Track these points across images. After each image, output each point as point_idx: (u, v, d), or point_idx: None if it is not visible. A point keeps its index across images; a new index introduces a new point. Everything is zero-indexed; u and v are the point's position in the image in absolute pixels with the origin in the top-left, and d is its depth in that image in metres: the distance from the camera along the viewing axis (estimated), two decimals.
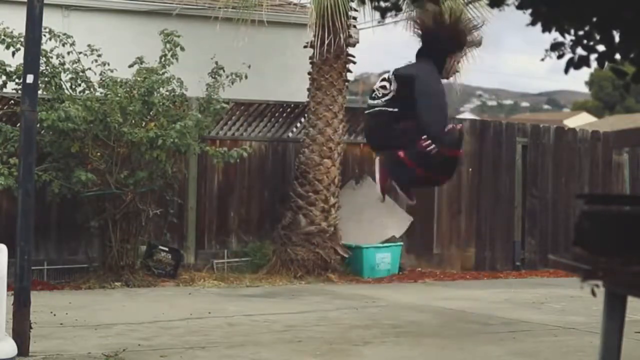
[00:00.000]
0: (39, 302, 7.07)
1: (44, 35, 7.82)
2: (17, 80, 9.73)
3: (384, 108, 7.28)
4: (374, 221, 11.84)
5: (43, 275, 10.44)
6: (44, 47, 8.51)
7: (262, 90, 12.24)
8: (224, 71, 10.63)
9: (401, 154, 7.22)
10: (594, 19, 3.60)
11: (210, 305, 8.74)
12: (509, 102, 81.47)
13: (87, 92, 10.13)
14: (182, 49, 10.35)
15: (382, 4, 4.20)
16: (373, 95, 7.42)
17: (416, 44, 7.58)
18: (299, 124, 12.07)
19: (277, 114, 12.03)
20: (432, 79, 7.36)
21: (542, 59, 3.77)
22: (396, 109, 7.27)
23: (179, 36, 10.37)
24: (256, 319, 7.98)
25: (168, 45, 10.34)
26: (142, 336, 6.95)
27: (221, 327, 7.48)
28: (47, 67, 9.86)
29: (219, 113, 10.80)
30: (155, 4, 13.29)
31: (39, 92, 7.36)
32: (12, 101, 9.99)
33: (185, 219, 11.33)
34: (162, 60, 10.32)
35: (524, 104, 79.78)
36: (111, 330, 7.20)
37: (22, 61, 6.39)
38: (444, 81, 7.69)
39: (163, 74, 10.25)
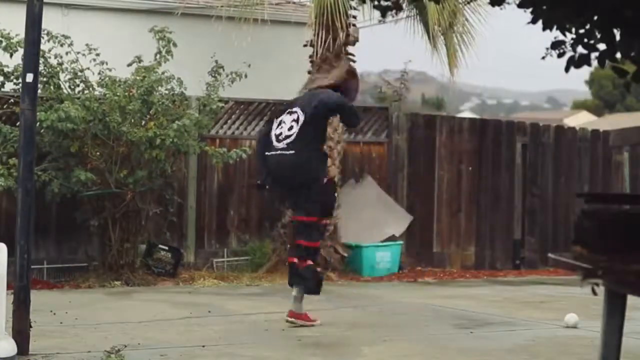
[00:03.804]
0: (39, 301, 7.06)
1: (42, 37, 7.82)
2: (15, 81, 9.75)
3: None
4: (374, 220, 11.85)
5: (43, 274, 10.44)
6: (42, 47, 8.51)
7: (262, 89, 12.23)
8: (223, 70, 10.63)
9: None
10: (595, 18, 3.59)
11: (210, 303, 8.74)
12: (508, 100, 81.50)
13: (86, 91, 10.13)
14: (175, 44, 10.35)
15: (383, 3, 4.20)
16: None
17: (415, 43, 7.67)
18: None
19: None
20: None
21: (543, 58, 3.77)
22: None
23: (170, 32, 10.37)
24: (256, 317, 7.98)
25: (162, 42, 10.34)
26: (142, 334, 6.95)
27: (221, 325, 7.48)
28: (45, 67, 9.86)
29: (216, 112, 10.80)
30: (156, 3, 13.28)
31: (38, 92, 7.34)
32: (12, 100, 9.98)
33: (185, 218, 11.33)
34: (157, 57, 10.32)
35: (524, 102, 79.81)
36: (111, 328, 7.21)
37: (19, 62, 6.39)
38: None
39: (163, 73, 10.25)
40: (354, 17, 11.66)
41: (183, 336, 6.98)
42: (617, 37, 3.63)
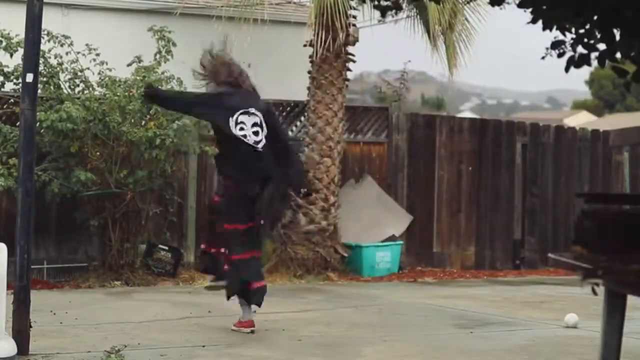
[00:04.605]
0: (39, 301, 7.06)
1: (42, 37, 7.86)
2: (15, 81, 9.75)
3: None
4: (374, 220, 11.85)
5: (43, 274, 10.44)
6: (42, 47, 8.52)
7: (262, 89, 12.22)
8: None
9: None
10: (595, 18, 3.60)
11: (210, 303, 8.73)
12: (508, 100, 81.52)
13: (86, 91, 10.13)
14: (175, 44, 10.35)
15: (383, 3, 4.20)
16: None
17: (415, 43, 7.52)
18: (298, 123, 12.07)
19: (277, 113, 12.03)
20: None
21: (543, 57, 3.77)
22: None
23: (169, 32, 10.37)
24: (256, 318, 7.96)
25: (162, 42, 10.34)
26: (142, 334, 6.95)
27: (221, 326, 7.48)
28: (45, 67, 9.86)
29: None
30: (156, 3, 13.29)
31: (38, 92, 7.35)
32: (12, 100, 9.98)
33: (185, 218, 11.32)
34: (157, 57, 10.32)
35: (524, 102, 79.81)
36: (111, 328, 7.21)
37: (19, 62, 6.39)
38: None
39: (162, 73, 10.25)
40: (354, 17, 11.65)
41: (183, 336, 6.98)
42: (617, 37, 3.63)
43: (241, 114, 7.20)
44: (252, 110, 7.27)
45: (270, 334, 7.19)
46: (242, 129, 7.16)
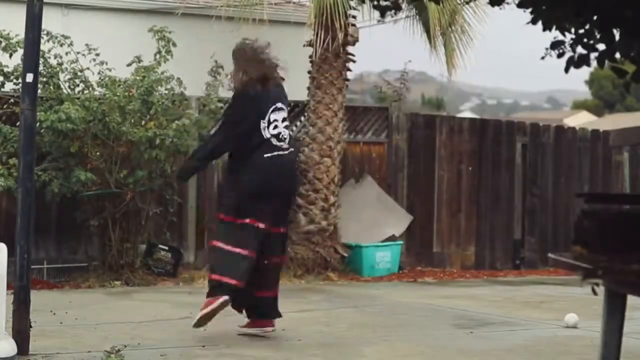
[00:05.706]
0: (39, 301, 7.06)
1: (42, 37, 7.86)
2: (14, 81, 9.75)
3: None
4: (374, 220, 11.85)
5: (43, 274, 10.44)
6: (42, 47, 8.51)
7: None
8: (223, 70, 10.63)
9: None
10: (595, 18, 3.60)
11: None
12: (508, 100, 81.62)
13: (85, 91, 10.14)
14: (175, 44, 10.35)
15: (382, 3, 4.20)
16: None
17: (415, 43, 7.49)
18: (298, 123, 12.07)
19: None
20: None
21: (543, 58, 3.77)
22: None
23: (170, 32, 10.38)
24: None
25: (162, 42, 10.34)
26: (142, 335, 6.95)
27: (221, 325, 7.47)
28: (45, 67, 9.86)
29: (215, 112, 10.80)
30: (156, 3, 13.29)
31: (38, 92, 7.35)
32: (12, 100, 9.98)
33: (185, 218, 11.33)
34: (157, 57, 10.32)
35: (524, 102, 79.92)
36: (111, 328, 7.21)
37: (19, 62, 6.40)
38: None
39: (162, 73, 10.25)
40: (354, 17, 11.66)
41: (183, 336, 6.97)
42: (617, 37, 3.63)
43: (271, 112, 7.16)
44: (280, 105, 7.23)
45: (270, 334, 7.18)
46: (275, 127, 7.06)
